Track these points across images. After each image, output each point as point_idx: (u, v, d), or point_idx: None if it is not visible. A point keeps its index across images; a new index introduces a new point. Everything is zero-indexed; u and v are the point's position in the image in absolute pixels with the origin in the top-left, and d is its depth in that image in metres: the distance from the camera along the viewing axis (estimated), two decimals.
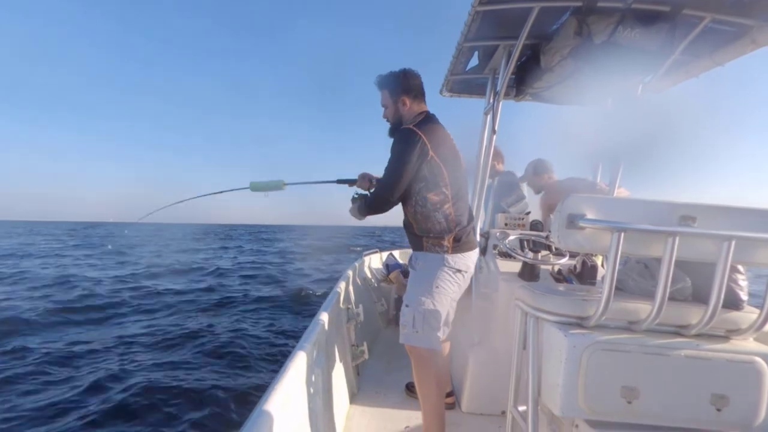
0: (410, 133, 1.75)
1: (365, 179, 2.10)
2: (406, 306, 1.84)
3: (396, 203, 1.84)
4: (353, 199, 2.07)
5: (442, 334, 1.83)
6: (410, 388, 2.45)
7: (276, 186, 2.31)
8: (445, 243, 1.80)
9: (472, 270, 1.89)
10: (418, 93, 1.93)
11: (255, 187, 2.32)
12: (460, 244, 1.82)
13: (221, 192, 2.60)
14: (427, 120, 1.85)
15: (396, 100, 1.91)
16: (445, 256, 1.79)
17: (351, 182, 2.15)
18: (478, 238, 2.59)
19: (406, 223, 1.91)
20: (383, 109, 1.98)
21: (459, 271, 1.82)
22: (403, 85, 1.90)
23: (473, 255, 1.88)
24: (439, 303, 1.80)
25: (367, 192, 2.10)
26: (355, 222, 2.04)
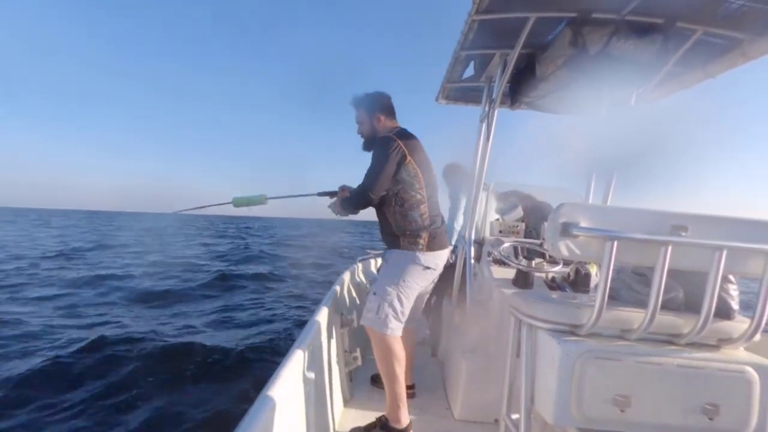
0: (389, 140, 1.94)
1: (345, 191, 2.24)
2: (374, 294, 2.00)
3: (376, 201, 1.98)
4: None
5: (401, 323, 1.99)
6: (375, 380, 2.59)
7: (258, 201, 2.40)
8: (421, 241, 1.97)
9: (440, 267, 2.08)
10: (390, 112, 2.15)
11: (237, 203, 2.42)
12: (434, 243, 1.99)
13: (205, 206, 2.78)
14: (402, 131, 2.04)
15: (372, 117, 2.11)
16: (417, 253, 1.96)
17: (332, 194, 2.29)
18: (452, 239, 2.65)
19: (383, 224, 2.08)
20: (358, 125, 2.18)
21: (428, 268, 1.99)
22: (378, 103, 2.12)
23: (444, 254, 2.06)
24: (404, 295, 1.96)
25: None
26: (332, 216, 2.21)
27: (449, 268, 2.53)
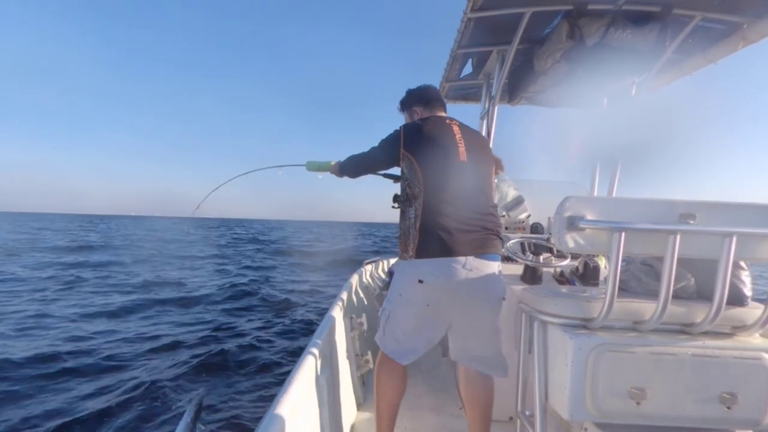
0: (395, 131, 1.80)
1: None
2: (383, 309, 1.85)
3: (351, 177, 2.05)
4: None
5: (400, 345, 1.72)
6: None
7: (327, 167, 2.23)
8: (410, 244, 1.66)
9: (440, 281, 1.60)
10: (428, 102, 1.94)
11: (310, 167, 2.32)
12: (426, 247, 1.62)
13: (281, 166, 2.57)
14: (422, 120, 1.81)
15: (410, 112, 1.98)
16: (407, 262, 1.68)
17: (396, 178, 2.10)
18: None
19: None
20: None
21: (421, 281, 1.60)
22: (414, 97, 1.98)
23: (443, 264, 1.60)
24: (401, 312, 1.71)
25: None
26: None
27: None
